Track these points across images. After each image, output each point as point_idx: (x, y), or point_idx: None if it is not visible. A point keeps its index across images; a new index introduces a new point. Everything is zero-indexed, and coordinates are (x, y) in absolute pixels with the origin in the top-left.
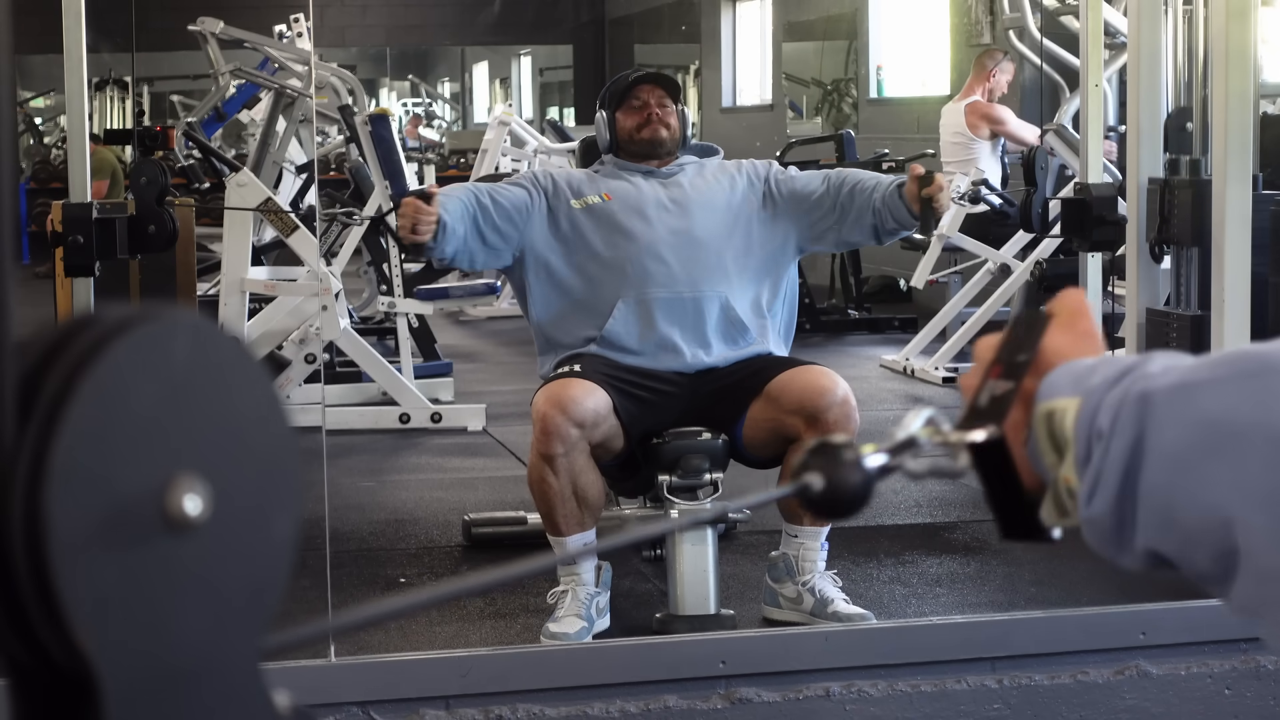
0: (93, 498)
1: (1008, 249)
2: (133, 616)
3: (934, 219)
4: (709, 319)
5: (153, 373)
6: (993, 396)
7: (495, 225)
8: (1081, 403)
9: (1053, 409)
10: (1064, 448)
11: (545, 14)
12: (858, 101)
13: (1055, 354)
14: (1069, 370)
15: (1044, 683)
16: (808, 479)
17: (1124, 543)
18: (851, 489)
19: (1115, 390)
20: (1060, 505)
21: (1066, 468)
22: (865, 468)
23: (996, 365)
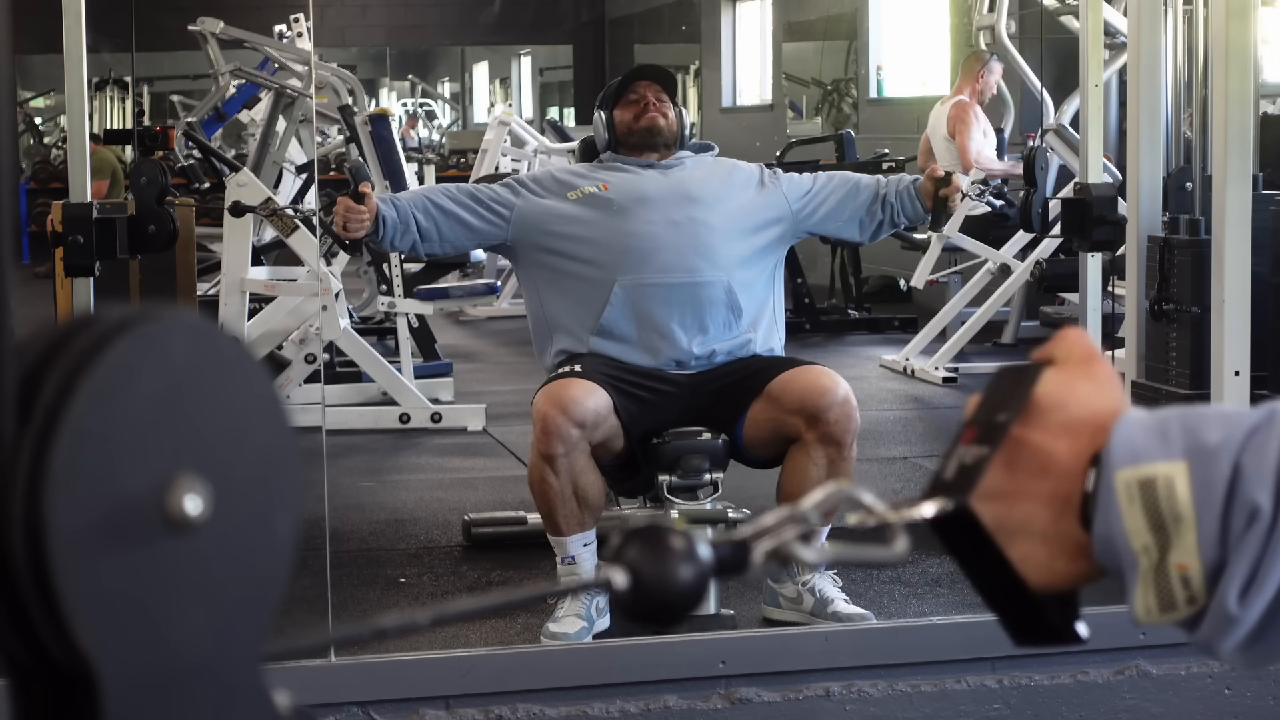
0: (93, 498)
1: (1007, 249)
2: (133, 616)
3: (946, 217)
4: (708, 305)
5: (153, 373)
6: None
7: (476, 210)
8: (1192, 467)
9: (1151, 476)
10: (1173, 526)
11: (545, 14)
12: (858, 101)
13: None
14: (1142, 426)
15: (1044, 683)
16: (610, 572)
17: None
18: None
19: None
20: (1167, 597)
21: (1183, 552)
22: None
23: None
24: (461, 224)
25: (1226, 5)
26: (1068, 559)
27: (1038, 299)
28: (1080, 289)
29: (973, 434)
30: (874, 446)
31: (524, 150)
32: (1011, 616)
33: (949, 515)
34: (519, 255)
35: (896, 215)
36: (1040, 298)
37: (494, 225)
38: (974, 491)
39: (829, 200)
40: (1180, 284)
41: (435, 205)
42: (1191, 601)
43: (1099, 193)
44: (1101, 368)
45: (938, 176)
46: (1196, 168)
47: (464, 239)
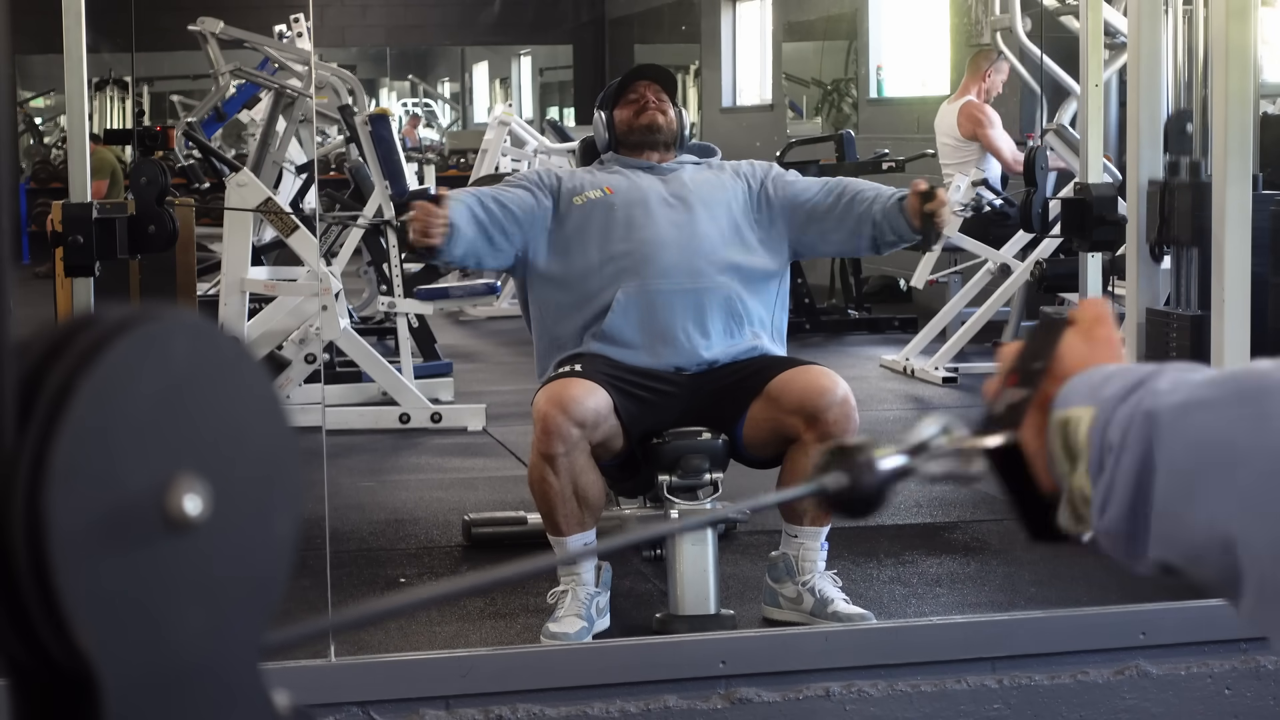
0: (93, 498)
1: (1008, 249)
2: (133, 616)
3: (935, 234)
4: (709, 311)
5: (153, 373)
6: (1009, 404)
7: (502, 226)
8: (1096, 412)
9: (1068, 418)
10: (1077, 456)
11: (545, 14)
12: (858, 101)
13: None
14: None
15: (1044, 683)
16: (826, 479)
17: (1136, 552)
18: (868, 490)
19: (1126, 404)
20: (1076, 512)
21: (1080, 476)
22: (881, 469)
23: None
24: (489, 242)
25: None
26: (1046, 479)
27: (1038, 299)
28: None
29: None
30: None
31: (524, 150)
32: (1028, 521)
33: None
34: (523, 267)
35: (885, 234)
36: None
37: (511, 243)
38: (1022, 426)
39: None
40: (1180, 225)
41: (475, 218)
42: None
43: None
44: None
45: (922, 190)
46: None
47: (487, 259)
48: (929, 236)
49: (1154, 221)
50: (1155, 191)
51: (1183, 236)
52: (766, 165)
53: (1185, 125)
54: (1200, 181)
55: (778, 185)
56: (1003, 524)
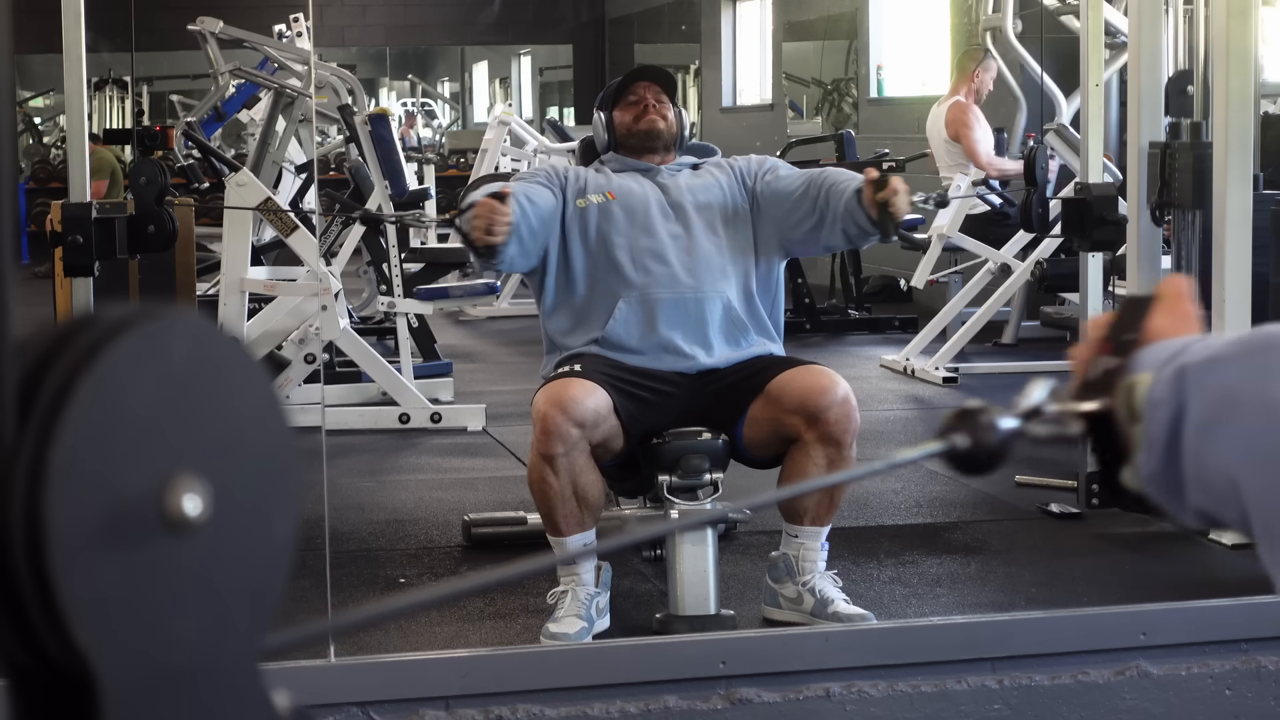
0: (93, 498)
1: (1008, 249)
2: (133, 616)
3: (893, 224)
4: (711, 319)
5: (152, 373)
6: (1104, 370)
7: (533, 228)
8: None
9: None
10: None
11: (545, 14)
12: (858, 101)
13: (1155, 333)
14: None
15: (1044, 683)
16: (954, 439)
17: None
18: (991, 448)
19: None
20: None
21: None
22: (1001, 429)
23: (1108, 342)
24: (524, 248)
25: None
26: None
27: (1038, 299)
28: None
29: (1109, 348)
30: (874, 446)
31: (524, 150)
32: (1109, 484)
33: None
34: (543, 270)
35: (850, 226)
36: (1041, 298)
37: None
38: (1116, 393)
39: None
40: (1181, 188)
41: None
42: None
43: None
44: (1181, 306)
45: (873, 179)
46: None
47: (521, 262)
48: (886, 227)
49: (1154, 184)
50: (1156, 153)
51: (1184, 199)
52: (761, 159)
53: (1185, 87)
54: (1201, 143)
55: (766, 181)
56: (1003, 524)
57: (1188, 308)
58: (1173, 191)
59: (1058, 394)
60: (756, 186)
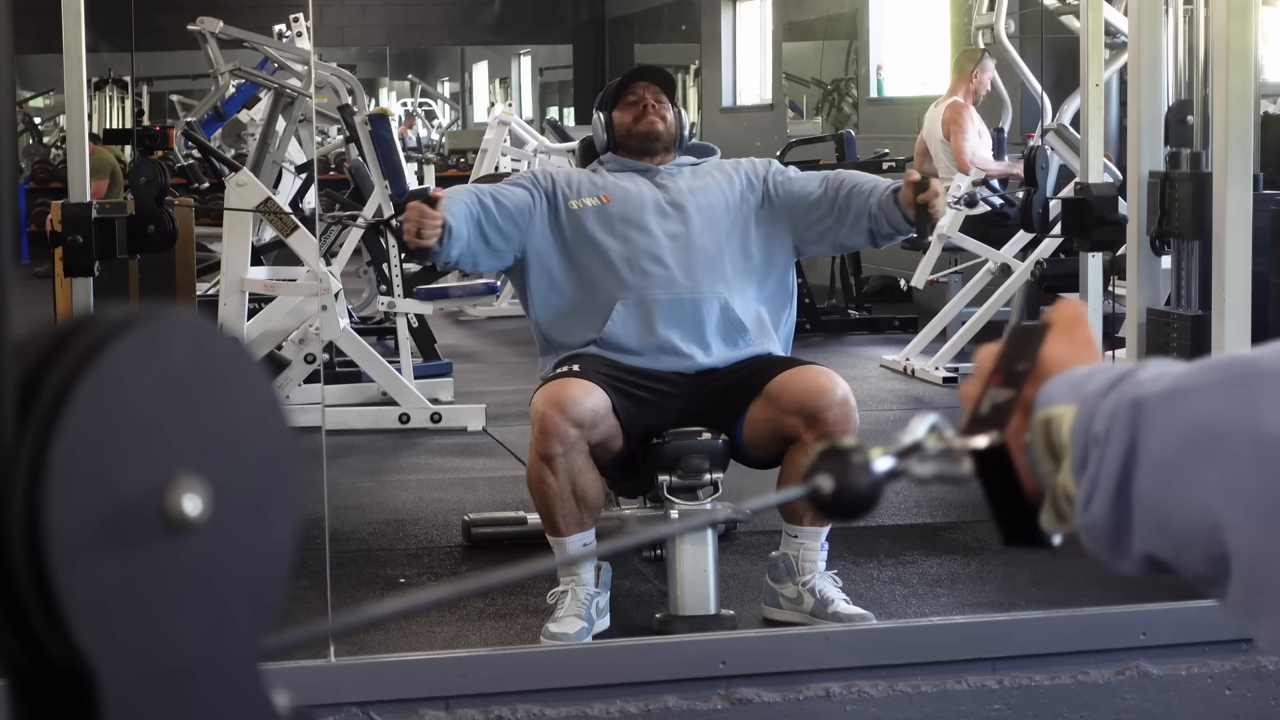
0: (93, 498)
1: (1008, 249)
2: (133, 616)
3: (930, 224)
4: (708, 321)
5: (152, 373)
6: (994, 404)
7: (498, 226)
8: (1078, 410)
9: (1050, 416)
10: (1061, 454)
11: (545, 14)
12: (858, 101)
13: (1054, 362)
14: (1066, 378)
15: (1044, 683)
16: (818, 481)
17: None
18: (860, 492)
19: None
20: (1059, 511)
21: (1063, 474)
22: (873, 471)
23: (997, 374)
24: (485, 242)
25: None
26: (1029, 481)
27: (1038, 299)
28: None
29: (999, 379)
30: None
31: (524, 150)
32: (1006, 524)
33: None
34: (521, 271)
35: (882, 226)
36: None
37: (510, 244)
38: (1008, 427)
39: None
40: (1180, 218)
41: (473, 217)
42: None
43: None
44: (1080, 331)
45: (914, 180)
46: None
47: (483, 260)
48: (923, 227)
49: (1154, 214)
50: (1156, 183)
51: (1183, 229)
52: (766, 162)
53: (1185, 116)
54: (1201, 173)
55: (780, 182)
56: None
57: (1085, 333)
58: (1172, 221)
59: (940, 431)
60: (770, 188)
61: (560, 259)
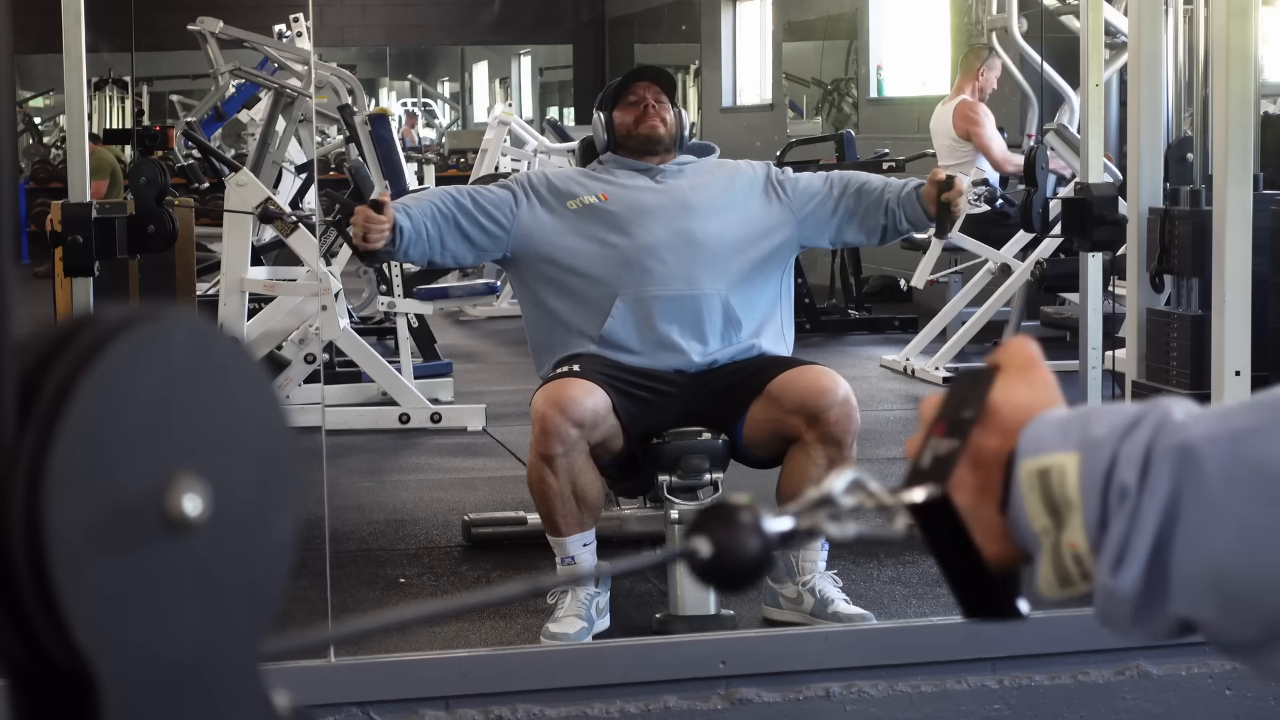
0: (93, 498)
1: (1008, 249)
2: (133, 617)
3: (950, 222)
4: (708, 317)
5: (152, 373)
6: (935, 456)
7: (478, 221)
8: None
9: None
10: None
11: (545, 14)
12: (858, 101)
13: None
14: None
15: (1044, 683)
16: (694, 542)
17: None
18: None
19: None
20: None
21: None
22: (764, 533)
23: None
24: (464, 237)
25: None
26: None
27: (1038, 299)
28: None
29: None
30: (874, 446)
31: (524, 150)
32: (965, 591)
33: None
34: (517, 267)
35: (900, 221)
36: (1040, 298)
37: (494, 240)
38: (950, 480)
39: (834, 210)
40: (1181, 255)
41: (442, 215)
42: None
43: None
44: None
45: (941, 180)
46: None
47: (465, 253)
48: (943, 224)
49: (1154, 250)
50: (1156, 220)
51: (1184, 267)
52: (765, 164)
53: (1185, 154)
54: (1201, 210)
55: (780, 181)
56: None
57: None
58: (1172, 259)
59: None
60: (774, 186)
61: (559, 258)
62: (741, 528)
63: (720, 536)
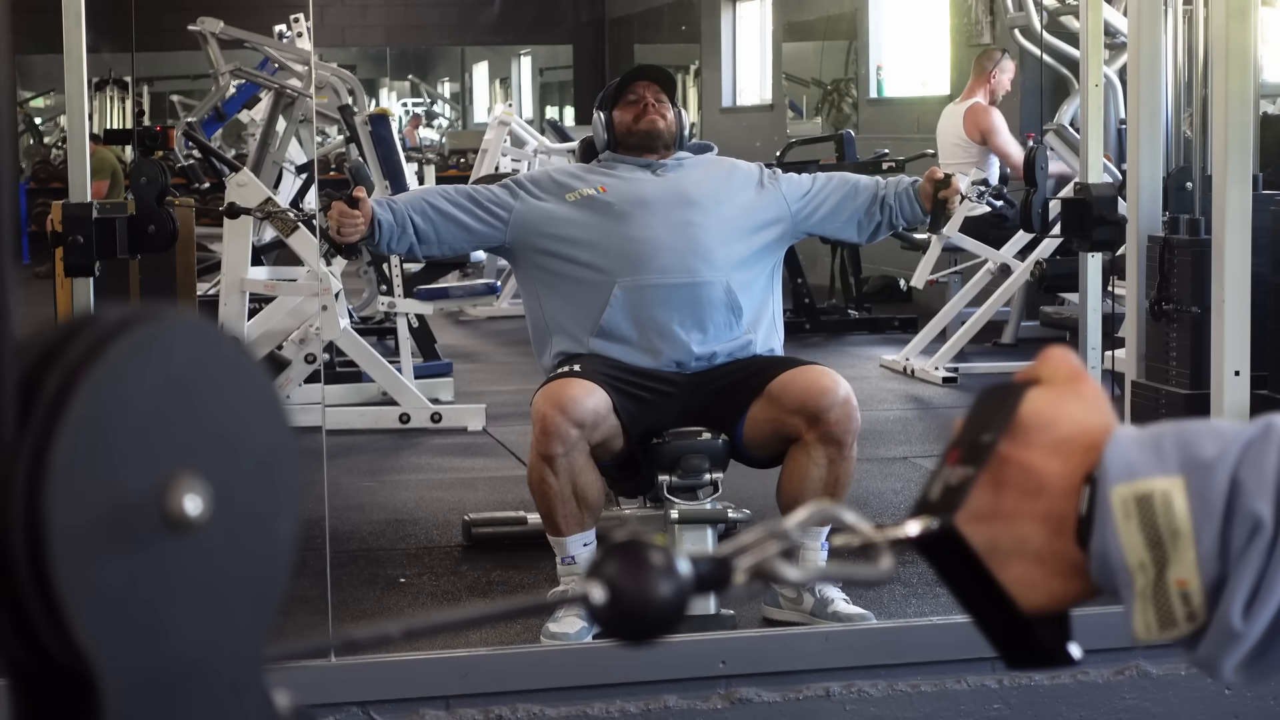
0: (93, 498)
1: (1008, 249)
2: (133, 616)
3: (944, 219)
4: (708, 305)
5: (153, 373)
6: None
7: (473, 211)
8: (1189, 482)
9: (1147, 491)
10: (1171, 541)
11: (545, 14)
12: (858, 101)
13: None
14: (1135, 441)
15: (1044, 683)
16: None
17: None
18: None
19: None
20: (1166, 614)
21: (1182, 567)
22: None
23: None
24: (459, 225)
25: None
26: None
27: (1038, 299)
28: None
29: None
30: (874, 446)
31: (524, 150)
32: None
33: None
34: (517, 257)
35: (895, 217)
36: (1040, 298)
37: (492, 227)
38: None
39: (828, 201)
40: (1180, 284)
41: (432, 207)
42: (1192, 618)
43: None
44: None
45: (938, 178)
46: (1196, 168)
47: (462, 241)
48: (938, 220)
49: (1154, 279)
50: (1155, 249)
51: (1183, 296)
52: (758, 166)
53: (1185, 183)
54: (1200, 240)
55: (777, 179)
56: None
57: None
58: (1171, 287)
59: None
60: (767, 184)
61: (558, 247)
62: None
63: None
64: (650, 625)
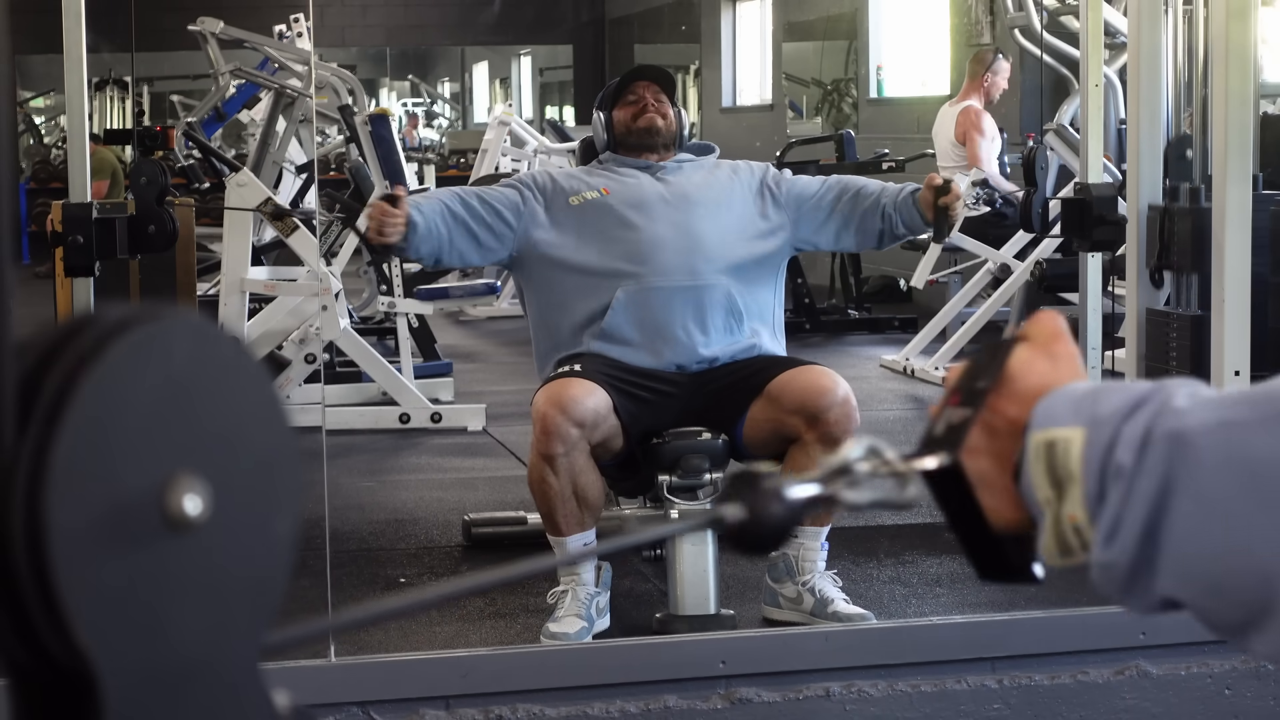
0: (93, 498)
1: (1008, 249)
2: (133, 616)
3: (948, 227)
4: (710, 308)
5: (153, 373)
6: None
7: (485, 221)
8: (1087, 433)
9: (1053, 439)
10: (1066, 482)
11: (545, 14)
12: (858, 101)
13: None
14: (1065, 396)
15: (1044, 683)
16: (725, 509)
17: (1139, 588)
18: (772, 521)
19: (1133, 423)
20: (1064, 543)
21: (1072, 504)
22: (787, 498)
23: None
24: (472, 238)
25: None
26: (1011, 508)
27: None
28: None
29: (957, 398)
30: None
31: (524, 150)
32: (979, 556)
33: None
34: (521, 268)
35: (896, 226)
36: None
37: (500, 240)
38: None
39: (829, 213)
40: (1180, 252)
41: (451, 214)
42: (1084, 548)
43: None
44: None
45: (937, 185)
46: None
47: (472, 254)
48: (941, 228)
49: (1154, 247)
50: (1155, 217)
51: (1183, 263)
52: (763, 165)
53: (1185, 151)
54: (1200, 208)
55: (780, 182)
56: None
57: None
58: (1171, 255)
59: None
60: (770, 186)
61: (560, 254)
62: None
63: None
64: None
